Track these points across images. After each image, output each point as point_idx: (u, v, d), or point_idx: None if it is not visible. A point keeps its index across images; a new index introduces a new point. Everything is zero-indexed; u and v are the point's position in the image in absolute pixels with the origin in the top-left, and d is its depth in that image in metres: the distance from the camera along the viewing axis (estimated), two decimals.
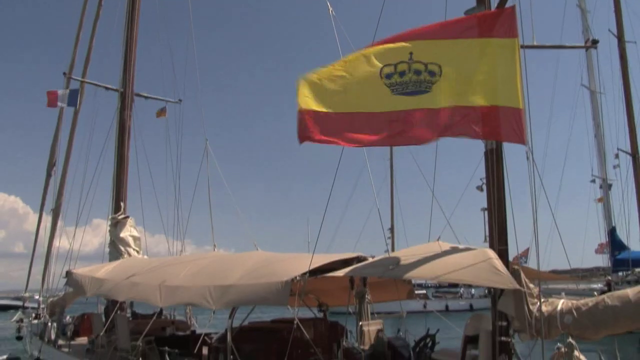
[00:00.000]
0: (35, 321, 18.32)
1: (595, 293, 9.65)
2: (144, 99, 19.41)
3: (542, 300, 7.57)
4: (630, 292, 7.32)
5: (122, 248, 16.01)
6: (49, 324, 16.06)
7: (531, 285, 7.65)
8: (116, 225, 16.40)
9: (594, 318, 7.34)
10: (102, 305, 16.35)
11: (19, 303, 61.54)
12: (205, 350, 10.99)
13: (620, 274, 34.44)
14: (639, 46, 33.56)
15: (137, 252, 16.36)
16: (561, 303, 7.73)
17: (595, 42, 28.37)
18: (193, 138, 22.10)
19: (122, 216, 16.55)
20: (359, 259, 9.58)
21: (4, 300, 70.35)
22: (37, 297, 21.38)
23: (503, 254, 7.63)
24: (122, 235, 16.15)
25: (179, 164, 19.09)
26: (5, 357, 20.97)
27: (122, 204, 16.89)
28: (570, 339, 7.91)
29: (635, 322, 7.38)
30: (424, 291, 54.01)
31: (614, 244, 35.10)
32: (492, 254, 7.51)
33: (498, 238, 7.72)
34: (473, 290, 62.48)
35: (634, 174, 28.26)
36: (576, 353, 8.20)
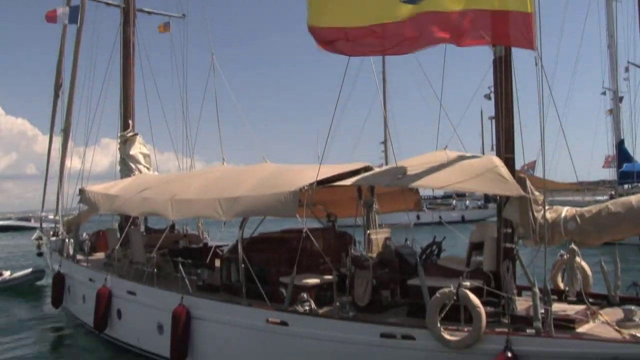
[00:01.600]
0: (54, 238, 18.83)
1: None
2: (146, 15, 19.03)
3: (547, 207, 7.69)
4: (633, 198, 7.42)
5: (133, 165, 16.19)
6: (67, 240, 16.54)
7: (536, 193, 7.75)
8: (125, 143, 16.50)
9: (597, 224, 7.48)
10: (116, 222, 16.78)
11: (25, 223, 65.18)
12: (217, 262, 11.36)
13: (625, 186, 34.63)
14: None
15: (148, 168, 16.55)
16: (565, 210, 7.86)
17: None
18: (199, 54, 21.80)
19: (131, 134, 16.61)
20: (366, 169, 9.68)
21: (10, 221, 72.16)
22: (51, 216, 21.84)
23: (509, 162, 7.70)
24: (131, 152, 16.29)
25: (185, 79, 18.91)
26: (30, 270, 21.85)
27: (130, 121, 16.93)
28: (572, 245, 8.11)
29: (637, 228, 7.53)
30: None
31: (621, 157, 35.12)
32: (498, 161, 7.58)
33: (505, 146, 7.76)
34: (467, 202, 63.68)
35: None
36: (577, 259, 8.45)
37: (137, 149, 16.44)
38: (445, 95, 9.03)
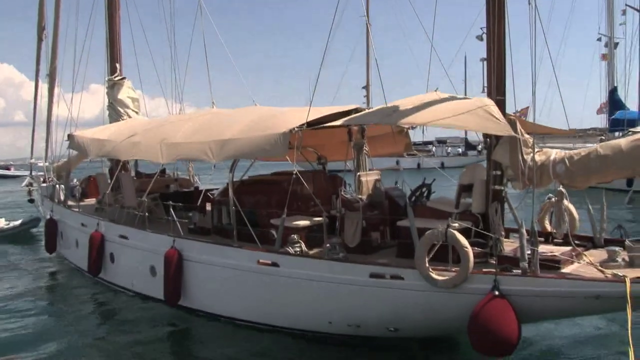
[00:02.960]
0: (44, 184, 18.74)
1: None
2: None
3: (536, 150, 7.70)
4: (623, 142, 7.42)
5: (121, 110, 15.93)
6: (57, 186, 16.48)
7: (526, 135, 7.75)
8: (113, 87, 16.17)
9: (586, 167, 7.50)
10: (106, 168, 16.68)
11: (5, 172, 67.33)
12: (208, 206, 11.40)
13: (616, 134, 34.77)
14: None
15: (136, 113, 16.34)
16: (554, 153, 7.87)
17: None
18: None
19: (119, 77, 16.29)
20: (357, 111, 9.62)
21: None
22: (40, 163, 21.63)
23: (500, 104, 7.66)
24: (120, 96, 15.99)
25: (172, 21, 18.33)
26: (20, 222, 21.67)
27: (117, 65, 16.57)
28: (560, 188, 8.18)
29: (625, 170, 7.57)
30: None
31: (613, 104, 35.13)
32: (490, 102, 7.53)
33: (496, 88, 7.71)
34: (448, 149, 63.76)
35: None
36: (565, 202, 8.53)
37: (126, 93, 16.14)
38: (433, 38, 8.86)
